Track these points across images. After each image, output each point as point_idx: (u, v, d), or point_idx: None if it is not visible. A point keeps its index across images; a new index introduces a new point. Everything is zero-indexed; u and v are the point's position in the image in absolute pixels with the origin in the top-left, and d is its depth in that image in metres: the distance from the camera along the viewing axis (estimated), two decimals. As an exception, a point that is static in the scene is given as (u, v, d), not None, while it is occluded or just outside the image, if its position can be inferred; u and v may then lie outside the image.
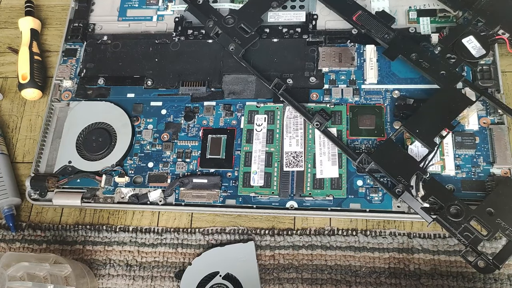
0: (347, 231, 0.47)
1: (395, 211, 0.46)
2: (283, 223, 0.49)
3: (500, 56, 0.49)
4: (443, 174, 0.46)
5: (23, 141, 0.57)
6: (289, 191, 0.47)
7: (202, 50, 0.55)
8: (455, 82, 0.47)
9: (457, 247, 0.46)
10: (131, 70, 0.56)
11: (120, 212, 0.52)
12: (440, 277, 0.45)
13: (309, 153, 0.48)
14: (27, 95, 0.57)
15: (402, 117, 0.48)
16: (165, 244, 0.49)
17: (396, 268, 0.46)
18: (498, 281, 0.44)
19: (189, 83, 0.53)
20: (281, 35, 0.54)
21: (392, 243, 0.46)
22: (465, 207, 0.42)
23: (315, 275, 0.46)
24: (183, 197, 0.49)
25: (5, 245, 0.51)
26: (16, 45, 0.62)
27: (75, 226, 0.51)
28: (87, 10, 0.60)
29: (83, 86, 0.56)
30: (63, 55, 0.58)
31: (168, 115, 0.53)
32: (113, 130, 0.52)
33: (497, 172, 0.46)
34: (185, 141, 0.51)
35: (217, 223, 0.50)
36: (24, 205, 0.53)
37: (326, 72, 0.52)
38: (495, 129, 0.46)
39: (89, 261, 0.49)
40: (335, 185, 0.47)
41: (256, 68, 0.52)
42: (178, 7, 0.58)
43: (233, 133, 0.51)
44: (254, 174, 0.48)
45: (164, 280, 0.48)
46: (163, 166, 0.50)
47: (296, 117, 0.50)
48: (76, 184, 0.51)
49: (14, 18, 0.64)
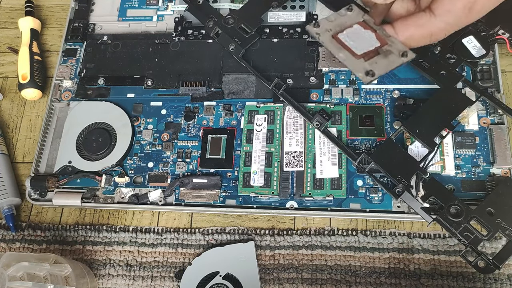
0: (347, 231, 0.47)
1: (395, 211, 0.46)
2: (283, 223, 0.49)
3: (500, 56, 0.49)
4: (443, 174, 0.46)
5: (23, 141, 0.57)
6: (289, 191, 0.47)
7: (202, 50, 0.55)
8: (455, 82, 0.47)
9: (457, 247, 0.46)
10: (131, 70, 0.56)
11: (120, 212, 0.52)
12: (440, 277, 0.45)
13: (309, 153, 0.48)
14: (27, 95, 0.57)
15: (402, 117, 0.48)
16: (165, 244, 0.49)
17: (396, 268, 0.46)
18: (498, 281, 0.44)
19: (189, 83, 0.53)
20: (281, 35, 0.54)
21: (392, 243, 0.46)
22: (465, 207, 0.42)
23: (315, 275, 0.46)
24: (183, 197, 0.49)
25: (5, 245, 0.51)
26: (16, 45, 0.62)
27: (75, 226, 0.51)
28: (87, 10, 0.60)
29: (83, 86, 0.56)
30: (63, 55, 0.58)
31: (168, 115, 0.53)
32: (113, 130, 0.52)
33: (497, 172, 0.46)
34: (185, 141, 0.51)
35: (217, 223, 0.50)
36: (24, 205, 0.53)
37: (326, 72, 0.52)
38: (495, 129, 0.46)
39: (89, 261, 0.49)
40: (335, 185, 0.47)
41: (256, 68, 0.52)
42: (178, 7, 0.58)
43: (233, 133, 0.51)
44: (254, 174, 0.48)
45: (164, 280, 0.48)
46: (163, 166, 0.50)
47: (296, 117, 0.50)
48: (76, 184, 0.51)
49: (14, 18, 0.64)
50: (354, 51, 0.30)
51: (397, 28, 0.30)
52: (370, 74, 0.29)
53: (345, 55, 0.30)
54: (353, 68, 0.30)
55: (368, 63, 0.30)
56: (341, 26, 0.31)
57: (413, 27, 0.29)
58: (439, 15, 0.28)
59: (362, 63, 0.30)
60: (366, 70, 0.30)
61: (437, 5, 0.28)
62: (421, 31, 0.29)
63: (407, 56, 0.30)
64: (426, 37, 0.30)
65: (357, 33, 0.31)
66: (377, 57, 0.30)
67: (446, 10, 0.27)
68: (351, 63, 0.30)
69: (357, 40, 0.30)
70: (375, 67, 0.30)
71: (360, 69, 0.30)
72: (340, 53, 0.30)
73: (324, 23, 0.31)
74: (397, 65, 0.30)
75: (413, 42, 0.31)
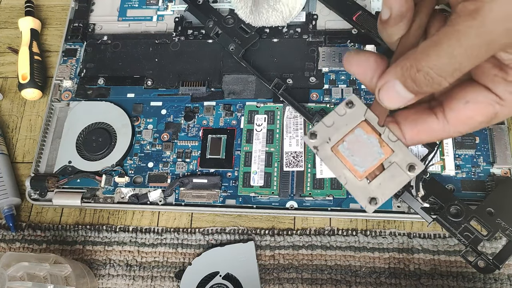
0: (347, 231, 0.47)
1: (395, 211, 0.46)
2: (283, 223, 0.49)
3: (500, 56, 0.49)
4: (443, 174, 0.46)
5: (23, 141, 0.57)
6: (289, 191, 0.47)
7: (202, 50, 0.55)
8: (455, 82, 0.47)
9: (457, 247, 0.46)
10: (131, 70, 0.56)
11: (120, 212, 0.52)
12: (440, 277, 0.45)
13: (309, 153, 0.48)
14: (27, 95, 0.57)
15: (402, 117, 0.48)
16: (165, 244, 0.49)
17: (396, 268, 0.46)
18: (498, 281, 0.44)
19: (189, 83, 0.53)
20: (281, 35, 0.55)
21: (392, 243, 0.46)
22: (465, 207, 0.42)
23: (315, 275, 0.46)
24: (183, 197, 0.49)
25: (5, 245, 0.51)
26: (16, 45, 0.62)
27: (75, 226, 0.51)
28: (87, 10, 0.60)
29: (83, 86, 0.56)
30: (63, 55, 0.58)
31: (168, 115, 0.53)
32: (113, 130, 0.52)
33: (497, 172, 0.46)
34: (185, 141, 0.51)
35: (217, 223, 0.50)
36: (24, 205, 0.53)
37: (326, 72, 0.52)
38: (495, 129, 0.46)
39: (89, 261, 0.49)
40: (335, 185, 0.47)
41: (256, 68, 0.52)
42: (178, 7, 0.58)
43: (233, 133, 0.51)
44: (254, 174, 0.48)
45: (164, 280, 0.48)
46: (163, 166, 0.50)
47: (296, 117, 0.50)
48: (76, 184, 0.51)
49: (14, 18, 0.64)
50: (356, 169, 0.25)
51: (405, 131, 0.24)
52: (373, 203, 0.25)
53: (346, 179, 0.25)
54: (355, 195, 0.26)
55: (372, 188, 0.25)
56: (340, 132, 0.25)
57: (424, 133, 0.24)
58: (453, 125, 0.23)
59: (365, 187, 0.25)
60: (370, 197, 0.25)
61: (452, 115, 0.23)
62: (430, 137, 0.24)
63: (415, 171, 0.25)
64: (433, 140, 0.26)
65: (358, 141, 0.25)
66: (382, 175, 0.25)
67: (462, 122, 0.23)
68: (353, 188, 0.25)
69: (359, 151, 0.25)
70: (380, 192, 0.25)
71: (363, 196, 0.25)
72: (340, 176, 0.25)
73: (321, 131, 0.26)
74: (404, 183, 0.25)
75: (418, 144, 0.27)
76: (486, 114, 0.22)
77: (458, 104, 0.22)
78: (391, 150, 0.25)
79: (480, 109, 0.22)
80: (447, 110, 0.23)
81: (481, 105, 0.22)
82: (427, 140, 0.25)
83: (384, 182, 0.25)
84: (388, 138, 0.25)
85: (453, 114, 0.23)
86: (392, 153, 0.25)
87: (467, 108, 0.22)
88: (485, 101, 0.22)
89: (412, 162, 0.25)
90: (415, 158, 0.25)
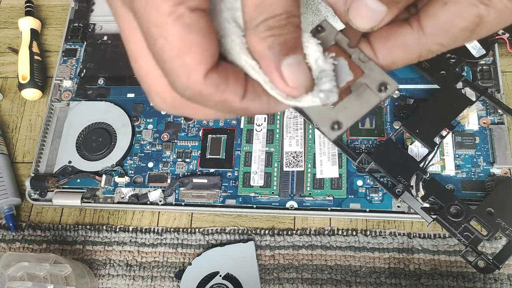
0: (347, 231, 0.47)
1: (395, 211, 0.46)
2: (283, 223, 0.49)
3: (500, 56, 0.49)
4: (443, 174, 0.46)
5: (23, 141, 0.57)
6: (289, 191, 0.47)
7: (202, 50, 0.55)
8: (455, 82, 0.47)
9: (457, 247, 0.46)
10: (131, 70, 0.55)
11: (120, 212, 0.52)
12: (440, 277, 0.45)
13: (309, 153, 0.48)
14: (27, 95, 0.57)
15: (402, 117, 0.48)
16: (165, 244, 0.49)
17: (396, 268, 0.46)
18: (498, 281, 0.44)
19: (189, 83, 0.53)
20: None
21: (392, 243, 0.46)
22: (465, 207, 0.42)
23: (315, 275, 0.46)
24: (183, 197, 0.49)
25: (5, 245, 0.51)
26: (16, 45, 0.62)
27: (75, 226, 0.51)
28: (87, 10, 0.60)
29: (83, 86, 0.56)
30: (63, 55, 0.58)
31: (168, 115, 0.53)
32: (113, 130, 0.52)
33: (497, 172, 0.46)
34: (185, 141, 0.51)
35: (217, 223, 0.50)
36: (24, 205, 0.53)
37: (326, 72, 0.52)
38: (495, 129, 0.46)
39: (89, 261, 0.49)
40: (335, 185, 0.47)
41: (256, 68, 0.52)
42: (178, 7, 0.58)
43: (233, 133, 0.51)
44: (254, 174, 0.48)
45: (164, 280, 0.48)
46: (163, 166, 0.50)
47: (296, 117, 0.50)
48: (76, 184, 0.51)
49: (14, 18, 0.64)
50: None
51: (377, 49, 0.22)
52: (336, 128, 0.22)
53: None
54: (316, 121, 0.22)
55: (335, 111, 0.22)
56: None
57: (398, 49, 0.21)
58: (431, 34, 0.20)
59: (328, 111, 0.22)
60: (332, 121, 0.22)
61: (429, 22, 0.20)
62: (407, 54, 0.21)
63: (387, 90, 0.22)
64: (413, 59, 0.22)
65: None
66: (348, 98, 0.22)
67: (441, 30, 0.20)
68: (314, 113, 0.22)
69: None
70: (344, 115, 0.22)
71: (324, 121, 0.22)
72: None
73: None
74: (373, 105, 0.22)
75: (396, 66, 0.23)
76: (468, 18, 0.19)
77: (434, 7, 0.19)
78: (361, 71, 0.22)
79: (461, 11, 0.19)
80: (423, 17, 0.20)
81: (462, 5, 0.19)
82: (404, 58, 0.22)
83: (350, 105, 0.22)
84: (359, 60, 0.22)
85: (429, 20, 0.20)
86: (362, 74, 0.22)
87: (445, 10, 0.19)
88: (466, 0, 0.19)
89: (383, 80, 0.22)
90: (387, 76, 0.22)
